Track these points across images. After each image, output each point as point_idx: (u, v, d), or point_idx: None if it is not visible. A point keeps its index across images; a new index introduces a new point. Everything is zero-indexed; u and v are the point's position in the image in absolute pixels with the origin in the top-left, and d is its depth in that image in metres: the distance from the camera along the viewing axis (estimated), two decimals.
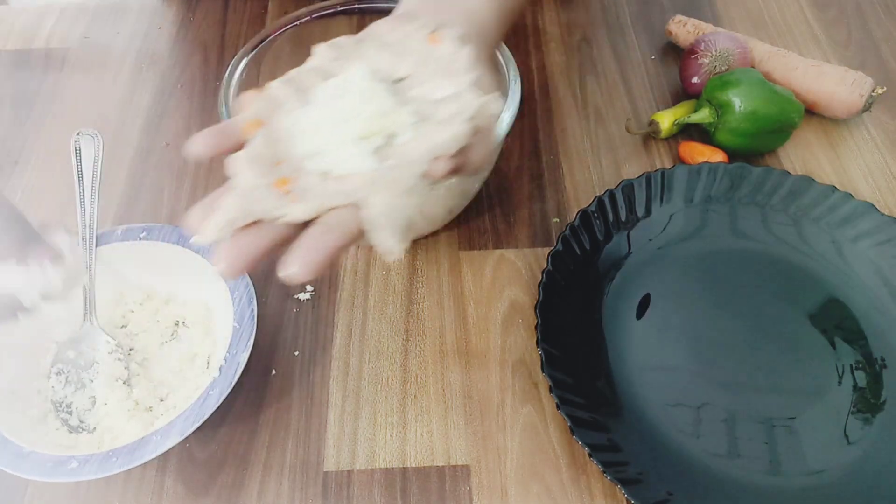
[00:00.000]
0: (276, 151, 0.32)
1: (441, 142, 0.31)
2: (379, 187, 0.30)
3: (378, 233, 0.29)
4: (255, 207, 0.29)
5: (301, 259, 0.28)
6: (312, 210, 0.29)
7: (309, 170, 0.31)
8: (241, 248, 0.29)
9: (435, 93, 0.33)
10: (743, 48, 0.60)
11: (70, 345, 0.46)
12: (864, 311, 0.49)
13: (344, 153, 0.31)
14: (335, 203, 0.30)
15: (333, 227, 0.29)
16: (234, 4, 0.73)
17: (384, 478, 0.43)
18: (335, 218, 0.30)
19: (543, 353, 0.44)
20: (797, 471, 0.43)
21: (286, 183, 0.30)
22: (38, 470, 0.38)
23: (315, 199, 0.30)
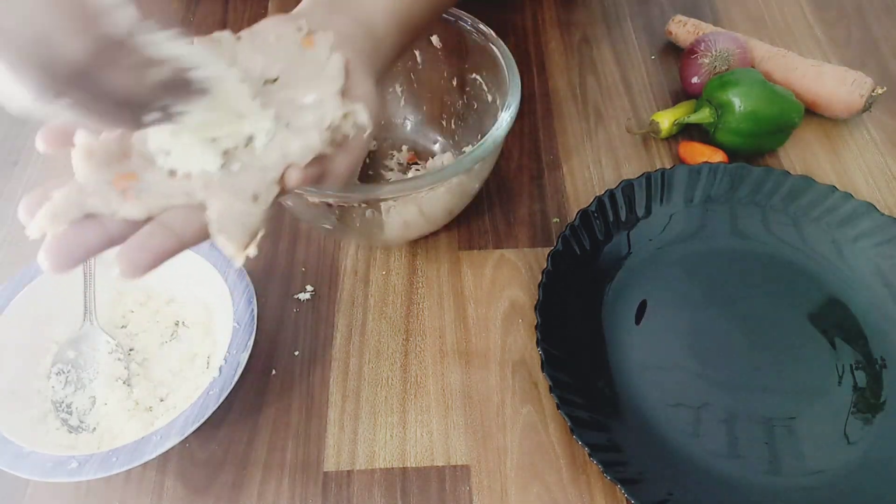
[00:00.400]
0: (125, 145, 0.31)
1: (294, 150, 0.30)
2: (222, 190, 0.29)
3: (217, 236, 0.29)
4: (89, 201, 0.28)
5: (127, 258, 0.28)
6: (149, 209, 0.29)
7: (157, 166, 0.30)
8: (68, 243, 0.28)
9: (302, 98, 0.32)
10: (743, 48, 0.60)
11: (70, 345, 0.46)
12: (864, 311, 0.49)
13: (192, 153, 0.30)
14: (176, 202, 0.29)
15: (166, 227, 0.29)
16: (234, 4, 0.73)
17: (384, 478, 0.43)
18: (170, 218, 0.29)
19: (543, 353, 0.44)
20: (797, 471, 0.43)
21: (126, 178, 0.30)
22: (38, 470, 0.38)
23: (153, 198, 0.29)
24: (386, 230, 0.48)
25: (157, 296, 0.49)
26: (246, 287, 0.45)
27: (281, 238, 0.55)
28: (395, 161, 0.58)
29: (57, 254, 0.28)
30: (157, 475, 0.44)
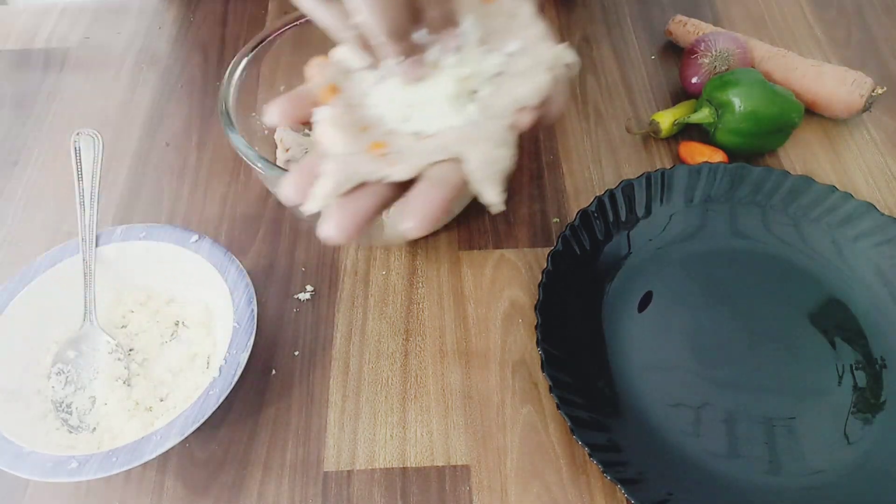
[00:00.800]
0: (357, 118, 0.32)
1: (525, 93, 0.32)
2: (475, 140, 0.31)
3: (481, 184, 0.30)
4: (359, 170, 0.30)
5: (418, 212, 0.29)
6: (414, 168, 0.30)
7: (400, 132, 0.32)
8: (348, 211, 0.29)
9: (504, 47, 0.33)
10: (743, 48, 0.60)
11: (70, 345, 0.46)
12: (864, 311, 0.49)
13: (435, 112, 0.32)
14: (435, 159, 0.30)
15: (440, 180, 0.30)
16: (234, 4, 0.73)
17: (384, 478, 0.43)
18: (438, 172, 0.30)
19: (543, 353, 0.44)
20: (797, 471, 0.43)
21: (380, 146, 0.31)
22: (38, 470, 0.38)
23: (414, 158, 0.30)
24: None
25: (157, 296, 0.49)
26: (246, 287, 0.45)
27: (281, 238, 0.55)
28: None
29: (342, 223, 0.29)
30: (157, 475, 0.44)
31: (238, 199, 0.57)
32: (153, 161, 0.60)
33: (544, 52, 0.33)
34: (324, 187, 0.29)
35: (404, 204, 0.29)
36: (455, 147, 0.30)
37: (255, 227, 0.55)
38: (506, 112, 0.32)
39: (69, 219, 0.56)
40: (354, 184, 0.30)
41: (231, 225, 0.55)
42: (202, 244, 0.47)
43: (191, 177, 0.59)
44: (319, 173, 0.30)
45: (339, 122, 0.31)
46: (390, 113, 0.32)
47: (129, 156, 0.60)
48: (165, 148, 0.61)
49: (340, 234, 0.29)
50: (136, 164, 0.60)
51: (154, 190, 0.58)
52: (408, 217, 0.29)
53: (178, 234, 0.48)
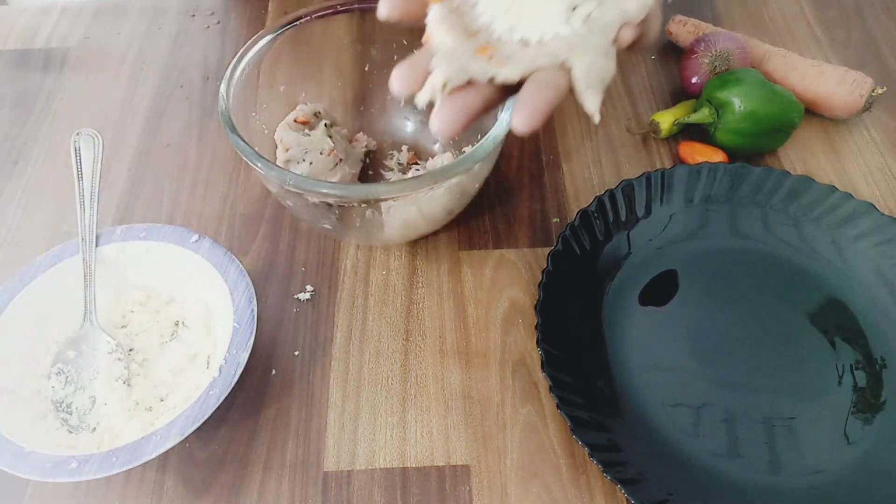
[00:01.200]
0: (466, 22, 0.33)
1: (631, 8, 0.33)
2: (582, 49, 0.32)
3: (584, 92, 0.32)
4: (469, 67, 0.31)
5: (528, 109, 0.30)
6: (523, 70, 0.31)
7: (506, 40, 0.33)
8: (456, 107, 0.31)
9: None
10: (743, 48, 0.60)
11: (70, 345, 0.46)
12: (864, 311, 0.49)
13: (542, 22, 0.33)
14: (542, 64, 0.32)
15: (547, 83, 0.31)
16: (234, 4, 0.73)
17: (384, 478, 0.43)
18: (545, 76, 0.32)
19: (543, 353, 0.44)
20: (797, 471, 0.43)
21: (489, 49, 0.32)
22: (38, 470, 0.38)
23: (523, 61, 0.32)
24: (386, 230, 0.48)
25: (157, 296, 0.49)
26: (246, 287, 0.45)
27: (281, 238, 0.55)
28: (395, 161, 0.58)
29: (450, 117, 0.31)
30: (157, 475, 0.44)
31: (238, 199, 0.57)
32: (153, 161, 0.60)
33: None
34: (436, 79, 0.31)
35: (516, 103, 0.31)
36: (562, 54, 0.32)
37: (255, 227, 0.55)
38: (610, 26, 0.33)
39: (69, 219, 0.56)
40: (464, 80, 0.31)
41: (231, 225, 0.56)
42: (202, 244, 0.47)
43: (191, 177, 0.59)
44: (429, 68, 0.31)
45: (449, 21, 0.33)
46: (498, 21, 0.34)
47: (129, 156, 0.60)
48: (165, 148, 0.61)
49: (448, 128, 0.31)
50: (136, 164, 0.60)
51: (154, 190, 0.58)
52: (517, 113, 0.30)
53: (178, 234, 0.48)
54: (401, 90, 0.32)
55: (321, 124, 0.54)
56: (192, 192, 0.58)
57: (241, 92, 0.48)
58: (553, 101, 0.31)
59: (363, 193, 0.43)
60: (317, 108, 0.56)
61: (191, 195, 0.57)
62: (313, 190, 0.42)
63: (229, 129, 0.45)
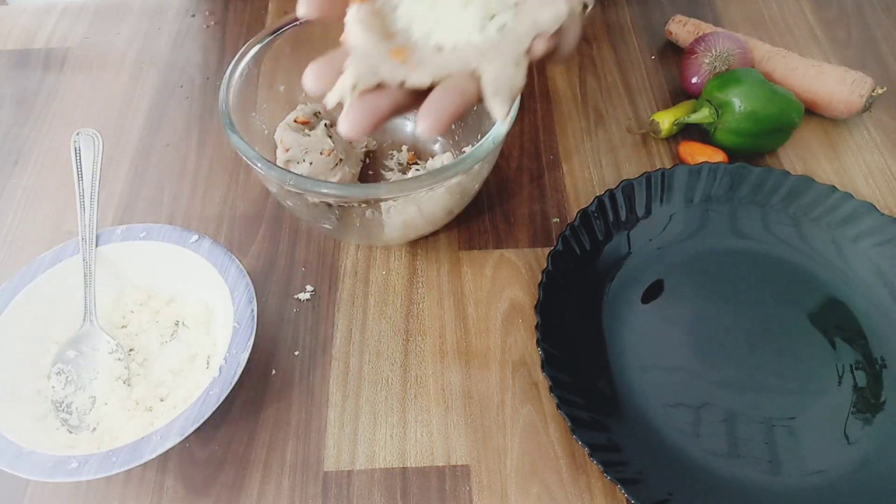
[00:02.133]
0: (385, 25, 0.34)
1: (544, 20, 0.33)
2: (492, 57, 0.32)
3: (492, 97, 0.32)
4: (380, 70, 0.31)
5: (433, 114, 0.31)
6: (433, 75, 0.32)
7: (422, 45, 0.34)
8: (366, 108, 0.31)
9: None
10: (743, 48, 0.60)
11: (70, 345, 0.46)
12: (864, 311, 0.49)
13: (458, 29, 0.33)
14: (452, 70, 0.32)
15: (454, 88, 0.32)
16: (234, 4, 0.73)
17: (384, 478, 0.43)
18: (455, 81, 0.32)
19: (543, 353, 0.44)
20: (797, 471, 0.43)
21: (402, 53, 0.33)
22: (38, 470, 0.38)
23: (433, 67, 0.32)
24: (386, 230, 0.48)
25: (158, 296, 0.49)
26: (246, 287, 0.45)
27: (281, 238, 0.55)
28: (395, 161, 0.58)
29: (359, 118, 0.31)
30: (157, 475, 0.44)
31: (238, 199, 0.57)
32: (153, 161, 0.60)
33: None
34: (345, 80, 0.31)
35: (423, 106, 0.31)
36: (473, 61, 0.32)
37: (255, 227, 0.55)
38: (524, 36, 0.33)
39: (69, 219, 0.56)
40: (374, 82, 0.31)
41: (231, 225, 0.56)
42: (202, 244, 0.47)
43: (191, 177, 0.59)
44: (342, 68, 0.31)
45: (366, 22, 0.33)
46: (416, 25, 0.34)
47: (129, 156, 0.60)
48: (165, 148, 0.61)
49: (354, 131, 0.31)
50: (136, 164, 0.60)
51: (154, 190, 0.58)
52: (422, 118, 0.31)
53: (178, 234, 0.48)
54: (313, 87, 0.32)
55: (321, 124, 0.54)
56: (192, 192, 0.58)
57: (241, 92, 0.48)
58: (459, 107, 0.31)
59: (363, 193, 0.43)
60: (317, 108, 0.56)
61: (191, 195, 0.57)
62: (313, 190, 0.42)
63: (229, 129, 0.45)
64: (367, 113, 0.31)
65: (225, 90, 0.47)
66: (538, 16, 0.34)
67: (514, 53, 0.33)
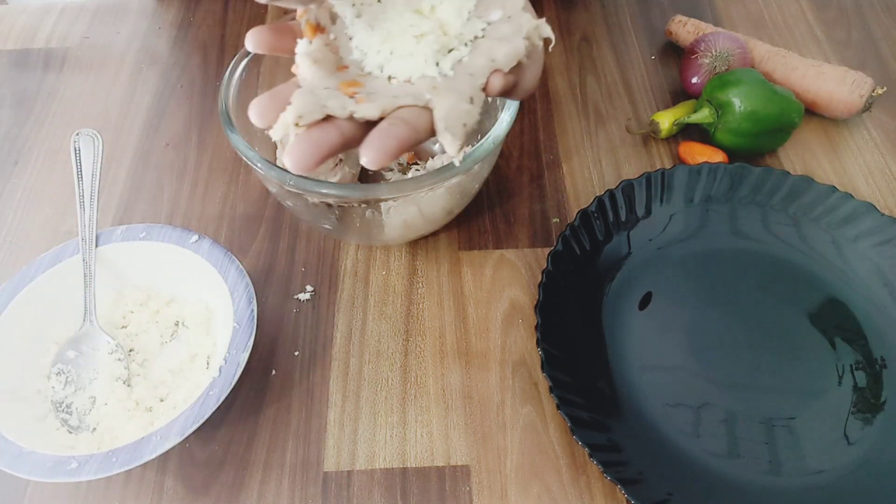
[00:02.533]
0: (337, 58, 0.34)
1: (500, 56, 0.33)
2: (445, 92, 0.32)
3: (443, 132, 0.32)
4: (327, 104, 0.31)
5: (377, 144, 0.30)
6: (382, 108, 0.31)
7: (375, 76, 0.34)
8: (312, 142, 0.30)
9: (489, 16, 0.35)
10: (743, 48, 0.60)
11: (70, 345, 0.46)
12: (864, 311, 0.49)
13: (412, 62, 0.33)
14: (404, 102, 0.32)
15: (403, 120, 0.31)
16: (234, 4, 0.73)
17: (384, 478, 0.43)
18: (404, 114, 0.31)
19: (543, 353, 0.44)
20: (797, 471, 0.43)
21: (353, 86, 0.32)
22: (38, 470, 0.38)
23: (383, 99, 0.32)
24: (386, 230, 0.48)
25: (158, 296, 0.49)
26: (246, 287, 0.45)
27: (281, 238, 0.55)
28: (395, 161, 0.58)
29: (302, 154, 0.30)
30: (157, 475, 0.44)
31: (238, 199, 0.57)
32: (153, 161, 0.60)
33: (524, 22, 0.34)
34: (288, 115, 0.30)
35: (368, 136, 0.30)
36: (425, 95, 0.32)
37: (255, 227, 0.55)
38: (480, 72, 0.33)
39: (69, 219, 0.56)
40: (319, 116, 0.30)
41: (231, 225, 0.56)
42: (202, 244, 0.47)
43: (191, 177, 0.59)
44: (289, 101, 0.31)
45: (316, 55, 0.33)
46: (370, 58, 0.34)
47: (129, 156, 0.60)
48: (165, 148, 0.61)
49: (298, 165, 0.30)
50: (136, 164, 0.60)
51: (154, 190, 0.58)
52: (365, 149, 0.30)
53: (178, 234, 0.48)
54: (258, 122, 0.31)
55: None
56: (192, 192, 0.58)
57: (241, 92, 0.48)
58: (406, 139, 0.30)
59: (363, 193, 0.43)
60: None
61: (191, 195, 0.57)
62: (313, 190, 0.42)
63: (229, 129, 0.45)
64: (313, 147, 0.30)
65: (225, 90, 0.47)
66: (495, 52, 0.33)
67: (469, 89, 0.32)
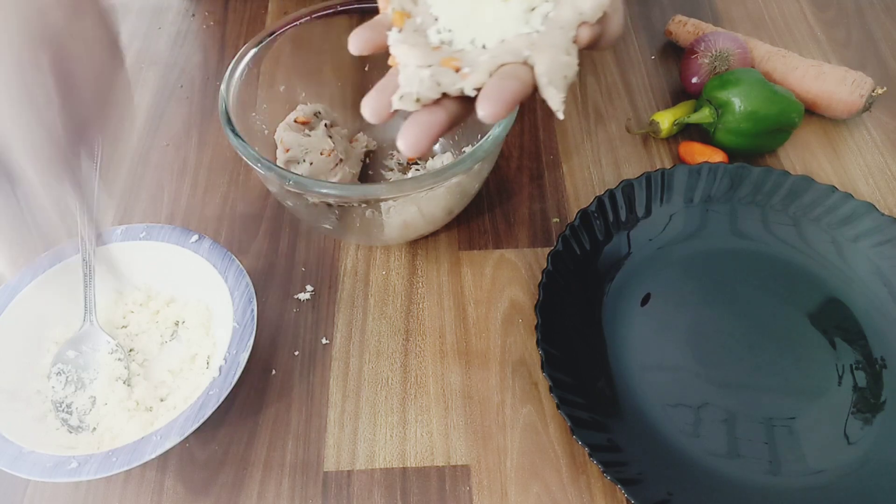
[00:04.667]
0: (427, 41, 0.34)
1: (586, 7, 0.34)
2: (543, 46, 0.32)
3: (547, 87, 0.32)
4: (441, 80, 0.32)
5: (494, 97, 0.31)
6: (487, 71, 0.32)
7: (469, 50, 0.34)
8: (423, 125, 0.31)
9: None
10: (743, 48, 0.60)
11: (70, 345, 0.46)
12: (864, 311, 0.49)
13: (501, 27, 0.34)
14: (505, 61, 0.32)
15: (510, 74, 0.32)
16: (234, 4, 0.73)
17: (384, 478, 0.43)
18: (509, 70, 0.32)
19: (543, 353, 0.44)
20: (797, 471, 0.43)
21: (453, 61, 0.33)
22: (38, 470, 0.38)
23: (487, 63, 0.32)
24: (386, 230, 0.48)
25: (158, 296, 0.49)
26: (246, 287, 0.45)
27: (281, 238, 0.55)
28: (395, 161, 0.58)
29: (416, 138, 0.31)
30: (157, 475, 0.44)
31: (238, 199, 0.57)
32: (153, 161, 0.60)
33: None
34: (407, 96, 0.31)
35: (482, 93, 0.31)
36: (524, 51, 0.32)
37: (255, 227, 0.55)
38: (569, 24, 0.33)
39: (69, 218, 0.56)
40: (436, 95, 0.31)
41: (231, 225, 0.56)
42: (202, 244, 0.47)
43: (191, 177, 0.59)
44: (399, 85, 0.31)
45: (409, 41, 0.33)
46: (458, 34, 0.34)
47: (129, 156, 0.60)
48: (165, 148, 0.61)
49: (413, 149, 0.31)
50: (136, 164, 0.60)
51: (154, 190, 0.58)
52: (483, 103, 0.30)
53: (178, 234, 0.48)
54: (374, 118, 0.32)
55: (321, 124, 0.54)
56: (192, 192, 0.58)
57: (241, 92, 0.48)
58: (518, 92, 0.31)
59: (363, 193, 0.43)
60: (317, 108, 0.56)
61: (191, 195, 0.57)
62: (313, 190, 0.42)
63: (229, 129, 0.45)
64: (425, 129, 0.31)
65: (225, 90, 0.47)
66: (580, 4, 0.34)
67: (564, 42, 0.33)
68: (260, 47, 0.50)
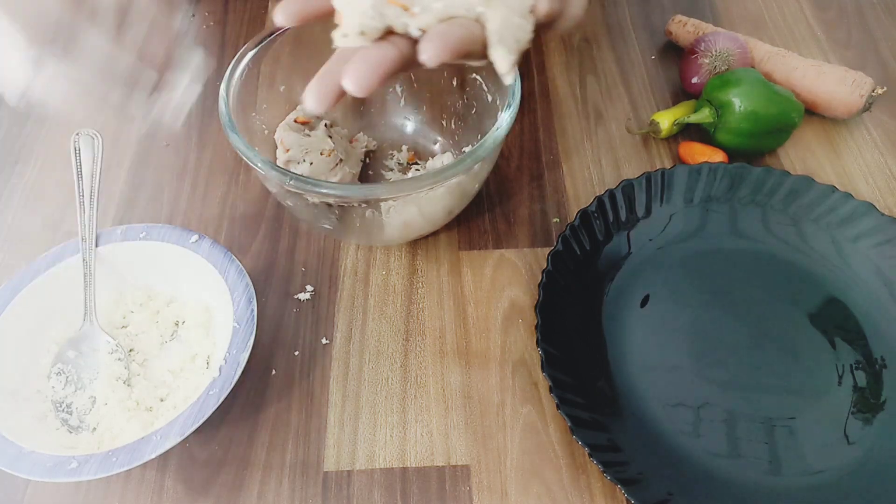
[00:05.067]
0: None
1: None
2: (498, 5, 0.32)
3: (496, 46, 0.31)
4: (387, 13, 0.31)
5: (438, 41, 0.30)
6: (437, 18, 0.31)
7: None
8: (371, 61, 0.30)
9: None
10: (743, 48, 0.60)
11: (70, 345, 0.46)
12: (864, 311, 0.49)
13: None
14: (457, 13, 0.32)
15: (460, 24, 0.31)
16: (234, 4, 0.73)
17: (384, 478, 0.43)
18: (459, 21, 0.31)
19: (543, 353, 0.44)
20: (797, 471, 0.43)
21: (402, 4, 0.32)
22: (38, 470, 0.38)
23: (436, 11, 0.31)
24: (386, 230, 0.48)
25: (158, 296, 0.49)
26: (246, 287, 0.45)
27: (281, 238, 0.55)
28: (395, 161, 0.58)
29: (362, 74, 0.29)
30: (157, 475, 0.44)
31: (238, 199, 0.57)
32: (153, 161, 0.60)
33: None
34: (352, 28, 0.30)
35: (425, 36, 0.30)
36: (478, 7, 0.32)
37: (255, 227, 0.55)
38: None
39: (69, 219, 0.56)
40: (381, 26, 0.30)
41: (231, 225, 0.56)
42: (202, 244, 0.47)
43: (191, 177, 0.59)
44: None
45: None
46: None
47: (129, 156, 0.60)
48: (165, 148, 0.61)
49: (359, 86, 0.29)
50: (136, 164, 0.60)
51: (154, 190, 0.58)
52: (425, 45, 0.29)
53: (178, 234, 0.48)
54: (317, 107, 0.31)
55: (321, 124, 0.54)
56: (191, 193, 0.58)
57: (241, 92, 0.48)
58: (464, 40, 0.30)
59: (363, 193, 0.43)
60: None
61: (191, 195, 0.57)
62: (313, 190, 0.42)
63: (229, 129, 0.45)
64: (374, 66, 0.29)
65: (225, 90, 0.47)
66: None
67: (519, 5, 0.32)
68: (260, 47, 0.50)
